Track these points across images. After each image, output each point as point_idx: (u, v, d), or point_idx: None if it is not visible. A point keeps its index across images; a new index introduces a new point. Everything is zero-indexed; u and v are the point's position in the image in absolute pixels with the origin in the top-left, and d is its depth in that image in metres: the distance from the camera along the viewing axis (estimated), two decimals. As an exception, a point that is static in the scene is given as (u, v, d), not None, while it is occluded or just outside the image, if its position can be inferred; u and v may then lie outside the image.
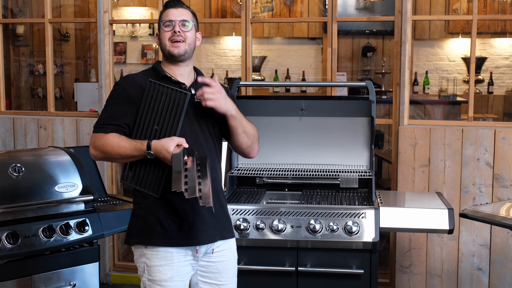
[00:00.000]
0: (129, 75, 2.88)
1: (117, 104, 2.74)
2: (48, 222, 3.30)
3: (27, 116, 5.10)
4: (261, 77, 8.63)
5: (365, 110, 3.82)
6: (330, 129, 3.95)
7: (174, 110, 2.65)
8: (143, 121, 2.68)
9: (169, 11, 2.78)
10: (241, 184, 4.01)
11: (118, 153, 2.66)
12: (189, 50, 2.77)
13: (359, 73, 8.69)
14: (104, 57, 4.92)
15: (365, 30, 8.50)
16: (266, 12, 8.55)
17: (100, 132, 2.71)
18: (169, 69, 2.81)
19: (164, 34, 2.76)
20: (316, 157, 3.96)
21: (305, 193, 3.86)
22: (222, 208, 2.86)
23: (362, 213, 3.41)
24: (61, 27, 8.72)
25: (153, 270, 2.73)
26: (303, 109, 3.91)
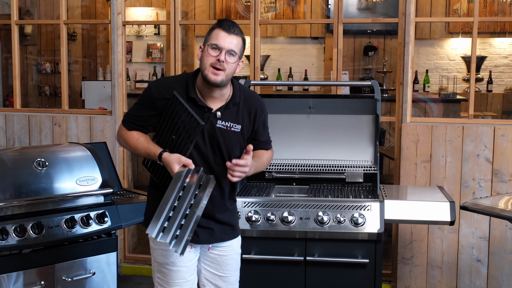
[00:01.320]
0: (163, 79, 3.05)
1: (144, 106, 2.88)
2: (70, 213, 3.47)
3: (42, 114, 5.27)
4: (264, 76, 8.77)
5: (370, 108, 4.00)
6: (336, 126, 4.12)
7: (189, 131, 2.76)
8: (163, 127, 2.85)
9: (220, 34, 2.73)
10: (251, 179, 4.18)
11: (135, 151, 2.90)
12: (226, 80, 2.76)
13: (361, 71, 8.84)
14: (117, 57, 5.09)
15: (366, 29, 8.63)
16: (270, 12, 8.71)
17: (124, 126, 2.93)
18: (201, 87, 2.83)
19: (207, 58, 2.73)
20: (323, 153, 4.13)
21: (312, 187, 4.03)
22: (227, 217, 3.00)
23: (368, 206, 3.58)
24: (69, 26, 8.86)
25: (157, 252, 2.91)
26: (311, 107, 4.08)
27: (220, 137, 2.84)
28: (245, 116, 2.93)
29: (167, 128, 2.82)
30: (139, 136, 2.89)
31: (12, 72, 5.40)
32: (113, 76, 5.11)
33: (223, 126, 2.84)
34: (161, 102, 2.82)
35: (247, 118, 2.94)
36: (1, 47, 8.80)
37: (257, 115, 2.98)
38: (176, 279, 2.90)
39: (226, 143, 2.86)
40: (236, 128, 2.88)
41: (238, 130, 2.89)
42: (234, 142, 2.89)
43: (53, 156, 3.60)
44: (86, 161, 3.66)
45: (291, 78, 8.80)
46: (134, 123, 2.90)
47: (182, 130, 2.77)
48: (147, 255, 5.19)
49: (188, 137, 2.75)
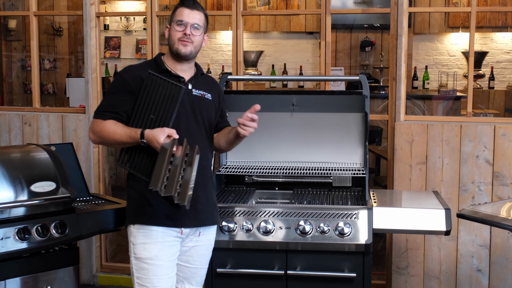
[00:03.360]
0: (130, 66, 3.05)
1: (117, 93, 2.92)
2: (23, 223, 3.12)
3: (11, 112, 4.94)
4: (258, 72, 8.48)
5: (358, 105, 3.65)
6: (322, 125, 3.78)
7: (169, 102, 2.81)
8: (140, 109, 2.86)
9: (184, 11, 2.92)
10: (230, 183, 3.84)
11: (114, 139, 2.85)
12: (194, 52, 2.95)
13: (358, 68, 8.54)
14: (90, 51, 4.75)
15: (363, 24, 8.35)
16: (262, 6, 8.39)
17: (99, 118, 2.91)
18: (171, 63, 2.98)
19: (174, 33, 2.92)
20: (308, 155, 3.79)
21: (296, 192, 3.70)
22: (211, 195, 3.04)
23: (355, 214, 3.24)
24: (54, 21, 8.58)
25: (138, 248, 2.88)
26: (294, 105, 3.74)
27: (200, 104, 2.97)
28: (211, 88, 3.11)
29: (145, 108, 2.85)
30: (116, 122, 2.88)
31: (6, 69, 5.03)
32: (87, 71, 4.77)
33: (198, 94, 2.99)
34: (134, 83, 2.88)
35: (213, 90, 3.11)
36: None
37: (220, 89, 3.20)
38: (158, 275, 2.86)
39: (205, 110, 2.99)
40: (208, 96, 3.04)
41: (210, 99, 3.05)
42: (211, 109, 3.04)
43: (5, 159, 3.25)
44: (44, 164, 3.30)
45: (286, 75, 8.54)
46: (109, 111, 2.90)
47: (162, 103, 2.81)
48: (126, 264, 4.85)
49: (169, 106, 2.80)
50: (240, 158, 3.85)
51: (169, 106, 2.81)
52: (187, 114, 2.92)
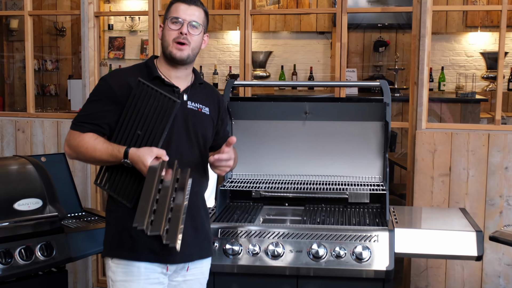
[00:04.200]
0: (117, 70, 2.65)
1: (100, 101, 2.50)
2: (4, 245, 2.81)
3: (4, 118, 4.62)
4: (266, 73, 8.17)
5: (378, 113, 3.31)
6: (337, 134, 3.44)
7: (161, 117, 2.42)
8: (125, 123, 2.45)
9: (180, 7, 2.50)
10: (235, 198, 3.51)
11: (93, 157, 2.45)
12: (192, 55, 2.52)
13: (371, 69, 8.20)
14: (88, 53, 4.43)
15: (377, 23, 8.01)
16: (271, 5, 8.05)
17: (77, 130, 2.49)
18: (164, 69, 2.56)
19: (169, 32, 2.49)
20: (321, 167, 3.46)
21: (308, 209, 3.36)
22: (202, 225, 2.62)
23: (374, 236, 2.90)
24: (57, 21, 8.31)
25: (118, 286, 2.49)
26: (307, 112, 3.40)
27: (195, 119, 2.55)
28: (210, 100, 2.68)
29: (131, 122, 2.45)
30: (97, 136, 2.46)
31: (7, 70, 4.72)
32: (84, 75, 4.45)
33: (194, 107, 2.58)
34: (121, 91, 2.47)
35: (212, 103, 2.68)
36: None
37: (220, 101, 2.75)
38: None
39: (201, 126, 2.58)
40: (206, 110, 2.62)
41: (208, 113, 2.63)
42: (208, 126, 2.63)
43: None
44: (30, 179, 2.99)
45: (295, 76, 8.22)
46: (89, 122, 2.48)
47: (152, 118, 2.43)
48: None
49: (160, 122, 2.41)
50: (247, 170, 3.52)
51: (159, 122, 2.41)
52: (179, 131, 2.51)
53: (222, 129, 2.76)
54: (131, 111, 2.43)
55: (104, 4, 8.40)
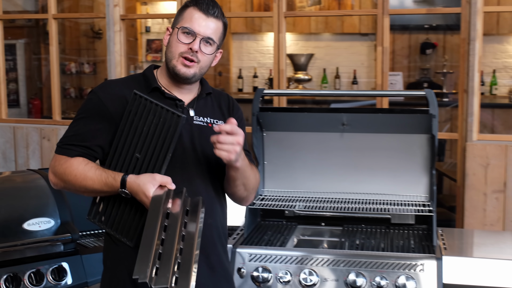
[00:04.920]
0: (109, 82, 2.27)
1: (89, 118, 2.11)
2: (12, 269, 2.58)
3: (29, 125, 4.44)
4: (308, 77, 7.89)
5: (424, 125, 2.98)
6: (378, 148, 3.12)
7: (163, 136, 2.03)
8: (121, 144, 2.07)
9: (196, 15, 2.11)
10: (267, 216, 3.22)
11: (83, 186, 2.05)
12: (199, 74, 2.15)
13: (417, 72, 7.83)
14: (114, 58, 4.21)
15: (423, 24, 7.65)
16: (312, 6, 7.76)
17: (63, 154, 2.09)
18: (166, 82, 2.19)
19: (177, 44, 2.11)
20: (361, 184, 3.14)
21: (346, 230, 3.05)
22: (219, 263, 2.21)
23: (420, 264, 2.58)
24: (94, 24, 8.19)
25: None
26: (345, 124, 3.09)
27: (203, 138, 2.15)
28: (222, 111, 2.30)
29: (127, 143, 2.06)
30: (87, 161, 2.07)
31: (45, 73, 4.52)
32: (110, 81, 4.22)
33: (202, 123, 2.19)
34: (115, 106, 2.10)
35: (225, 114, 2.29)
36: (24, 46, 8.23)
37: (235, 110, 2.33)
38: None
39: (212, 146, 2.06)
40: (219, 124, 2.15)
41: None
42: None
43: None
44: (41, 196, 2.78)
45: (338, 80, 7.93)
46: (77, 145, 2.08)
47: (152, 138, 2.04)
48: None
49: (163, 142, 2.02)
50: (280, 186, 3.23)
51: (162, 143, 2.02)
52: (185, 152, 2.12)
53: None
54: (127, 129, 2.06)
55: (141, 6, 8.26)
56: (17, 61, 8.32)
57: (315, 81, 8.07)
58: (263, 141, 3.22)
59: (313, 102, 6.97)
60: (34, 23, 8.12)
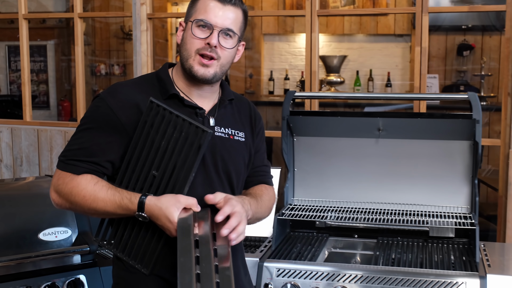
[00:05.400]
0: (120, 86, 1.93)
1: (98, 130, 1.84)
2: (26, 282, 2.45)
3: (53, 128, 4.32)
4: (341, 79, 7.70)
5: (465, 131, 2.78)
6: (416, 155, 2.93)
7: (185, 152, 1.79)
8: (135, 160, 1.83)
9: (211, 5, 1.86)
10: (296, 226, 3.04)
11: (93, 208, 1.82)
12: (220, 73, 1.90)
13: (453, 74, 7.56)
14: (140, 59, 4.06)
15: (460, 25, 7.38)
16: (346, 6, 7.55)
17: (68, 171, 1.84)
18: (183, 84, 1.94)
19: (192, 40, 1.86)
20: (397, 193, 2.95)
21: (381, 242, 2.86)
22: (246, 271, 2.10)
23: (462, 283, 2.37)
24: (124, 24, 8.09)
25: None
26: (381, 129, 2.90)
27: (225, 151, 1.93)
28: (244, 121, 2.07)
29: (142, 159, 1.82)
30: (97, 179, 1.83)
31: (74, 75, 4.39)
32: (136, 82, 4.08)
33: (223, 134, 1.95)
34: (127, 115, 1.84)
35: (247, 123, 2.07)
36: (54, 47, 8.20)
37: (256, 120, 2.10)
38: None
39: (233, 159, 1.95)
40: (240, 136, 2.01)
41: (243, 139, 2.01)
42: (242, 157, 2.00)
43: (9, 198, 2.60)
44: (59, 204, 2.62)
45: (371, 82, 7.72)
46: (85, 161, 1.83)
47: (172, 154, 1.80)
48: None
49: (185, 160, 1.79)
50: (310, 195, 3.05)
51: (183, 160, 1.78)
52: (205, 168, 1.88)
53: (257, 159, 2.10)
54: (142, 143, 1.81)
55: (172, 6, 8.13)
56: (48, 62, 8.28)
57: (347, 83, 7.87)
58: (293, 146, 3.04)
59: (345, 106, 6.78)
60: (65, 23, 8.07)
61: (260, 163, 2.10)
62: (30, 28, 6.96)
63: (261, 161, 2.11)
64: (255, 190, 2.04)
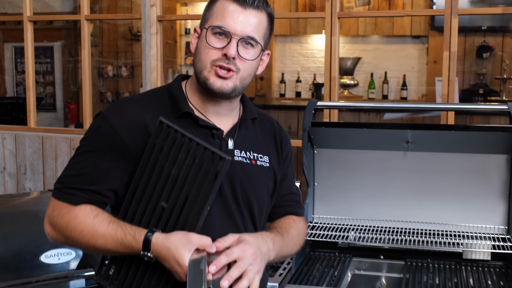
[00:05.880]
0: (124, 103, 1.69)
1: (99, 153, 1.62)
2: (26, 310, 2.25)
3: (58, 135, 4.12)
4: (354, 82, 7.49)
5: (502, 144, 2.57)
6: (448, 170, 2.71)
7: (199, 182, 1.53)
8: (141, 189, 1.60)
9: (231, 10, 1.62)
10: (317, 246, 2.82)
11: (92, 245, 1.59)
12: (240, 87, 1.65)
13: (472, 77, 7.33)
14: (149, 63, 3.86)
15: (480, 26, 7.14)
16: (361, 6, 7.33)
17: (64, 201, 1.61)
18: (198, 101, 1.70)
19: (207, 50, 1.62)
20: (427, 211, 2.73)
21: (409, 265, 2.64)
22: None
23: (503, 315, 2.16)
24: (132, 26, 7.92)
25: None
26: (410, 142, 2.68)
27: (245, 179, 1.68)
28: (269, 142, 1.80)
29: (150, 188, 1.58)
30: (97, 211, 1.60)
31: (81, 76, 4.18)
32: (144, 88, 3.88)
33: (244, 159, 1.70)
34: (132, 137, 1.60)
35: (272, 146, 1.81)
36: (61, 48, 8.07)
37: (283, 142, 1.84)
38: None
39: (255, 189, 1.70)
40: (264, 160, 1.75)
41: (267, 164, 1.75)
42: (266, 185, 1.74)
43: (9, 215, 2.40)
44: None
45: (386, 85, 7.51)
46: (83, 189, 1.60)
47: (184, 183, 1.54)
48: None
49: (199, 192, 1.52)
50: (332, 212, 2.83)
51: (197, 191, 1.53)
52: (223, 198, 1.64)
53: (284, 187, 1.85)
54: (149, 170, 1.58)
55: (181, 7, 7.95)
56: (55, 63, 8.14)
57: (361, 86, 7.68)
58: (313, 159, 2.83)
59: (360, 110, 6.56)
60: (72, 24, 7.91)
61: (288, 191, 1.86)
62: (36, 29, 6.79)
63: (289, 189, 1.87)
64: (282, 223, 1.80)
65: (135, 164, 1.60)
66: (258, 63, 1.69)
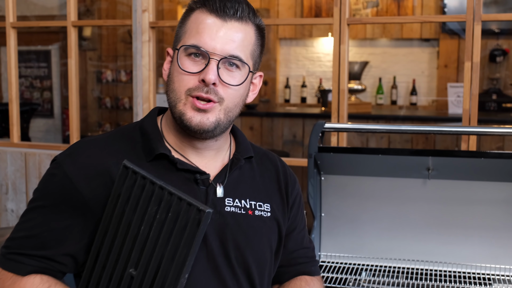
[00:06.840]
0: (84, 144, 1.38)
1: (52, 209, 1.31)
2: None
3: (42, 151, 3.79)
4: (362, 87, 7.21)
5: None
6: (474, 200, 2.37)
7: (175, 241, 1.20)
8: (105, 252, 1.28)
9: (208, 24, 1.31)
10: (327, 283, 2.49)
11: None
12: (226, 121, 1.35)
13: (485, 82, 7.07)
14: (141, 74, 3.52)
15: (493, 29, 6.87)
16: (369, 8, 7.05)
17: (8, 270, 1.29)
18: (173, 139, 1.39)
19: (180, 77, 1.31)
20: (450, 249, 2.39)
21: (431, 311, 2.31)
22: None
23: None
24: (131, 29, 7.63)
25: None
26: (431, 168, 2.34)
27: (241, 236, 1.37)
28: (270, 186, 1.47)
29: (115, 251, 1.26)
30: (50, 284, 1.28)
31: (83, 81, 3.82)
32: (135, 101, 3.55)
33: (238, 210, 1.38)
34: (92, 189, 1.30)
35: (275, 190, 1.47)
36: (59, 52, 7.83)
37: (289, 184, 1.50)
38: None
39: (254, 247, 1.37)
40: (264, 210, 1.41)
41: (268, 215, 1.42)
42: (267, 243, 1.41)
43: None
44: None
45: (395, 90, 7.29)
46: (34, 256, 1.29)
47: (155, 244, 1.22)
48: None
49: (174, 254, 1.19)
50: (341, 248, 2.49)
51: (172, 253, 1.20)
52: (212, 260, 1.33)
53: (292, 240, 1.53)
54: (113, 228, 1.26)
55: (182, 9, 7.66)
56: (52, 68, 7.87)
57: (369, 91, 7.48)
58: (320, 187, 2.49)
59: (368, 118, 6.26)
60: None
61: (298, 245, 1.53)
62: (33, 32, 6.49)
63: (300, 242, 1.53)
64: (292, 286, 1.48)
65: (97, 221, 1.29)
66: (247, 89, 1.38)
